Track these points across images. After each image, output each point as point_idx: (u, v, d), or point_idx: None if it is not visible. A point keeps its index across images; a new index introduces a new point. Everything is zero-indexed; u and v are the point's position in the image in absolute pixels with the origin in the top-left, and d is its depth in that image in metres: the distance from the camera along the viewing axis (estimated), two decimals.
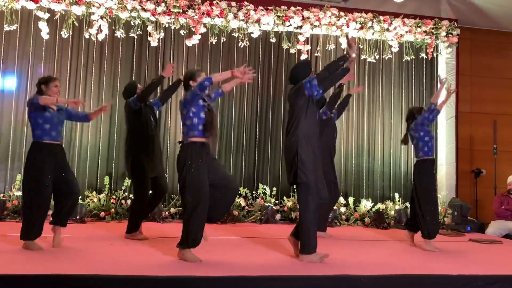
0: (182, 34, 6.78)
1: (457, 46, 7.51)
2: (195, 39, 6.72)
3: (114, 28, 6.55)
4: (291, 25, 6.93)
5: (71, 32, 6.49)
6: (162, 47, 6.88)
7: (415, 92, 7.62)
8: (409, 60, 7.50)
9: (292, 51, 7.09)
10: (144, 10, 6.45)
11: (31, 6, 6.20)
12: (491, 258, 4.49)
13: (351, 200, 6.96)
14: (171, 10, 6.50)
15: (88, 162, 6.56)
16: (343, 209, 6.78)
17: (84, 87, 6.65)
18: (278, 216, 6.58)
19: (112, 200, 6.24)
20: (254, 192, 6.82)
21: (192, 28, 6.69)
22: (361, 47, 7.27)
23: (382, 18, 7.10)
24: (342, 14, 7.00)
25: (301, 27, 6.96)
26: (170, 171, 6.72)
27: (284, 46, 7.05)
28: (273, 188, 6.88)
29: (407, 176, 7.43)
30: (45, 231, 3.99)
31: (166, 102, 5.60)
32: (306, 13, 6.90)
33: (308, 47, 7.09)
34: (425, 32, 7.25)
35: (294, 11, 6.88)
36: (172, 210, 6.41)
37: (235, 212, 6.41)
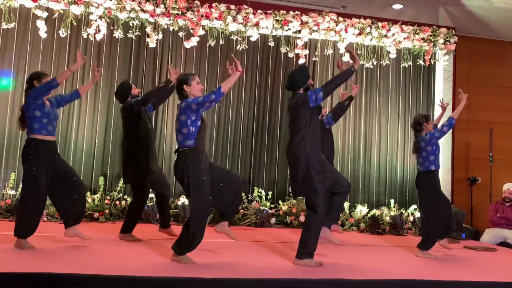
0: (181, 36, 6.78)
1: (454, 53, 7.55)
2: (193, 41, 6.72)
3: (112, 28, 6.55)
4: (289, 29, 6.94)
5: (69, 32, 6.48)
6: (160, 49, 6.88)
7: (412, 98, 7.65)
8: (406, 66, 7.53)
9: (290, 55, 7.10)
10: (143, 11, 6.44)
11: (29, 4, 6.19)
12: (485, 265, 4.49)
13: (346, 205, 6.95)
14: (170, 11, 6.50)
15: (83, 162, 6.53)
16: None
17: (82, 82, 6.62)
18: (273, 220, 6.56)
19: (106, 201, 6.21)
20: (249, 195, 6.80)
21: (191, 30, 6.70)
22: (359, 53, 7.29)
23: (380, 24, 7.12)
24: (341, 19, 7.02)
25: (299, 31, 6.98)
26: (165, 174, 6.68)
27: (282, 50, 7.06)
28: (268, 191, 6.87)
29: (403, 183, 7.44)
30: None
31: (158, 107, 5.56)
32: (305, 17, 6.92)
33: (306, 51, 7.11)
34: (423, 39, 7.28)
35: (293, 16, 6.89)
36: None
37: None
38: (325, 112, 5.47)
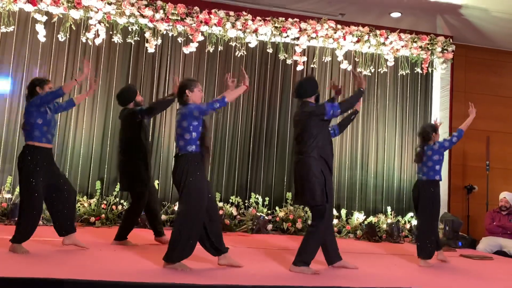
0: (180, 42, 6.80)
1: (452, 62, 7.59)
2: (192, 47, 6.74)
3: (111, 33, 6.55)
4: (288, 36, 6.97)
5: (68, 36, 6.48)
6: (159, 54, 6.89)
7: (410, 106, 7.67)
8: (404, 74, 7.56)
9: (289, 62, 7.13)
10: (142, 17, 6.46)
11: (29, 8, 6.19)
12: (481, 274, 4.49)
13: (343, 212, 6.96)
14: (169, 17, 6.52)
15: (80, 166, 6.51)
16: (335, 221, 6.76)
17: (79, 91, 6.61)
18: (269, 226, 6.55)
19: (103, 206, 6.19)
20: (246, 201, 6.80)
21: (190, 36, 6.71)
22: (357, 60, 7.32)
23: (378, 32, 7.15)
24: (339, 27, 7.05)
25: (298, 38, 7.01)
26: (162, 179, 6.70)
27: (281, 56, 7.09)
28: (265, 197, 6.86)
29: (400, 190, 7.44)
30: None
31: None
32: (303, 25, 6.94)
33: (305, 58, 7.13)
34: (420, 47, 7.31)
35: (291, 23, 6.92)
36: (164, 217, 6.36)
37: (227, 221, 6.38)
38: None
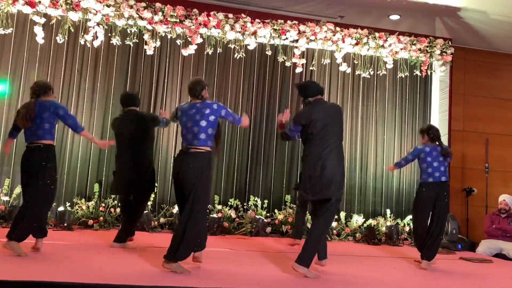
0: (179, 44, 6.79)
1: (451, 64, 7.59)
2: (191, 49, 6.73)
3: (110, 35, 6.54)
4: (287, 38, 6.96)
5: (66, 38, 6.46)
6: (158, 56, 6.88)
7: (409, 108, 7.67)
8: (403, 77, 7.56)
9: (288, 64, 7.12)
10: (141, 19, 6.45)
11: (27, 10, 6.18)
12: (480, 277, 4.48)
13: (342, 215, 6.94)
14: (168, 19, 6.50)
15: (79, 168, 6.48)
16: (334, 224, 6.74)
17: (78, 93, 6.61)
18: (268, 229, 6.53)
19: (101, 208, 6.16)
20: (245, 204, 6.77)
21: (189, 38, 6.70)
22: (355, 63, 7.32)
23: (377, 34, 7.16)
24: (338, 29, 7.05)
25: (297, 41, 7.00)
26: (160, 182, 6.67)
27: (280, 59, 7.08)
28: (264, 200, 6.84)
29: (399, 193, 7.43)
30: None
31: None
32: (302, 27, 6.94)
33: (304, 60, 7.13)
34: (419, 49, 7.32)
35: (290, 25, 6.92)
36: (162, 220, 6.34)
37: (225, 224, 6.36)
38: None
